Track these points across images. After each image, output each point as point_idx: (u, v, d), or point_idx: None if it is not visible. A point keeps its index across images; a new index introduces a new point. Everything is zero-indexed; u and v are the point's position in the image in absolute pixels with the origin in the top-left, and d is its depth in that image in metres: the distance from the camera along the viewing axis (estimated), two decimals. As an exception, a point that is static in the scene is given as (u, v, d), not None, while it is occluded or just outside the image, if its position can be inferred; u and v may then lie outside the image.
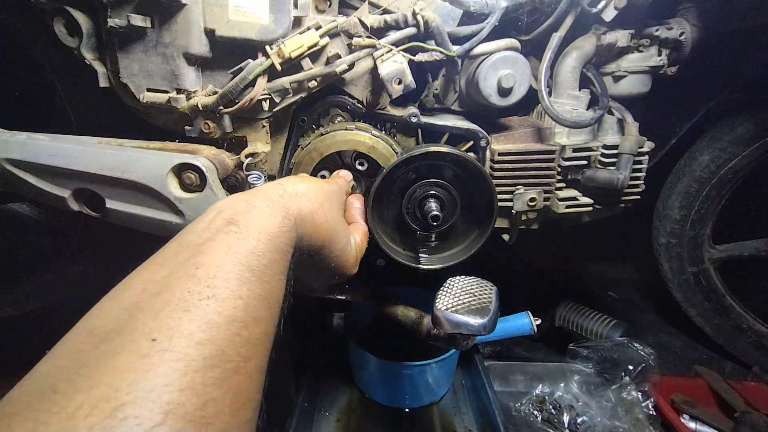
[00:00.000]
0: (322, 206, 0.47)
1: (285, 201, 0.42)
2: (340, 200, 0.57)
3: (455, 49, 0.74)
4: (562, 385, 1.00)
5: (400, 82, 0.71)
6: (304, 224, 0.43)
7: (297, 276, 0.52)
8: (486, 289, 0.60)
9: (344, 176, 0.69)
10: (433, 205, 0.73)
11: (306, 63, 0.72)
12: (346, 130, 0.78)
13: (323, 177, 0.83)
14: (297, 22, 0.72)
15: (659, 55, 0.83)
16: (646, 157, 0.84)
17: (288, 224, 0.40)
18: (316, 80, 0.74)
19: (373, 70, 0.75)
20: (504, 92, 0.76)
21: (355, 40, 0.71)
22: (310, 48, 0.70)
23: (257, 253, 0.34)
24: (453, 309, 0.56)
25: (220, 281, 0.31)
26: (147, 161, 0.71)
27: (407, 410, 0.97)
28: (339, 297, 0.80)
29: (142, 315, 0.28)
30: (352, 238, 0.56)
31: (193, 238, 0.34)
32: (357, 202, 0.69)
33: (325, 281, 0.56)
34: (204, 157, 0.72)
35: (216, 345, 0.27)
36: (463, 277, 0.63)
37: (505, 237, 0.90)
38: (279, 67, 0.70)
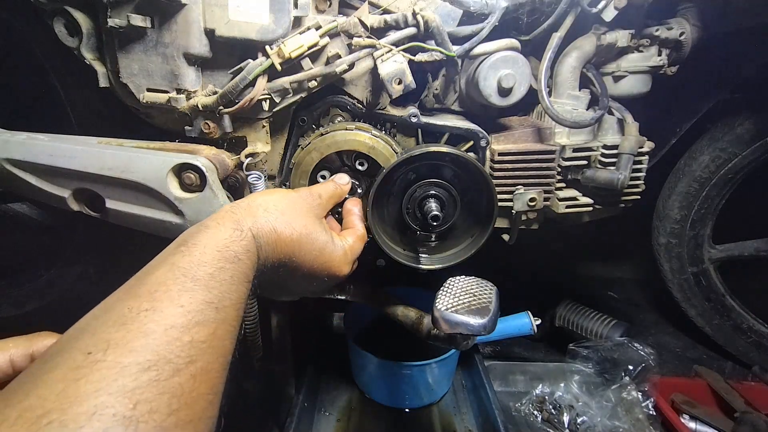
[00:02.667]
0: (283, 214, 0.50)
1: (237, 216, 0.46)
2: (310, 205, 0.57)
3: (455, 49, 0.74)
4: (562, 385, 1.00)
5: (400, 82, 0.71)
6: (263, 233, 0.46)
7: (288, 283, 0.54)
8: (486, 289, 0.60)
9: (337, 179, 0.70)
10: (433, 205, 0.73)
11: (306, 63, 0.72)
12: (346, 130, 0.78)
13: (323, 177, 0.83)
14: (297, 22, 0.72)
15: (659, 55, 0.83)
16: (646, 157, 0.84)
17: (239, 235, 0.43)
18: (316, 80, 0.74)
19: (373, 70, 0.75)
20: (504, 92, 0.76)
21: (355, 40, 0.71)
22: (310, 48, 0.70)
23: (202, 264, 0.37)
24: (453, 309, 0.56)
25: (160, 294, 0.34)
26: (147, 161, 0.71)
27: (407, 410, 0.97)
28: (339, 297, 0.80)
29: (83, 335, 0.30)
30: (341, 240, 0.58)
31: (146, 267, 0.38)
32: (355, 208, 0.70)
33: (318, 284, 0.57)
34: (204, 157, 0.72)
35: (151, 350, 0.29)
36: (463, 277, 0.63)
37: (505, 237, 0.90)
38: (279, 67, 0.70)
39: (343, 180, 0.71)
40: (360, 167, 0.82)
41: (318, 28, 0.71)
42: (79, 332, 0.31)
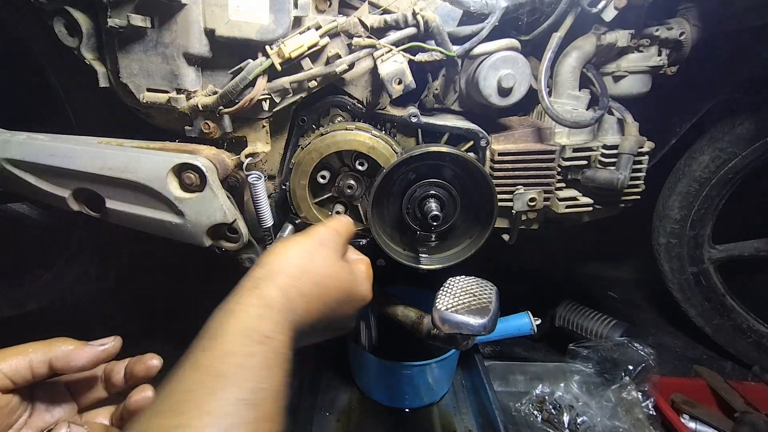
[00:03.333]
0: (307, 272, 0.46)
1: (260, 291, 0.42)
2: (331, 251, 0.52)
3: (455, 49, 0.74)
4: (562, 385, 1.00)
5: (400, 82, 0.71)
6: (294, 304, 0.43)
7: (324, 331, 0.52)
8: (486, 289, 0.60)
9: (341, 218, 0.63)
10: (433, 205, 0.73)
11: (306, 63, 0.72)
12: (346, 130, 0.78)
13: (323, 177, 0.83)
14: (297, 22, 0.72)
15: (659, 55, 0.83)
16: (646, 157, 0.84)
17: (266, 312, 0.40)
18: (316, 80, 0.74)
19: (373, 70, 0.75)
20: (504, 92, 0.76)
21: (355, 40, 0.71)
22: (310, 48, 0.70)
23: (227, 355, 0.35)
24: (453, 309, 0.56)
25: (186, 405, 0.31)
26: (147, 161, 0.71)
27: (407, 410, 0.97)
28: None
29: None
30: (357, 271, 0.56)
31: (175, 366, 0.35)
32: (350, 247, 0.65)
33: (351, 312, 0.55)
34: (204, 157, 0.72)
35: None
36: (463, 277, 0.63)
37: (505, 237, 0.90)
38: (279, 67, 0.70)
39: (345, 219, 0.63)
40: (360, 167, 0.82)
41: (318, 28, 0.71)
42: None
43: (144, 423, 0.31)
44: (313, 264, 0.48)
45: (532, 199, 0.81)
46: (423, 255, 0.81)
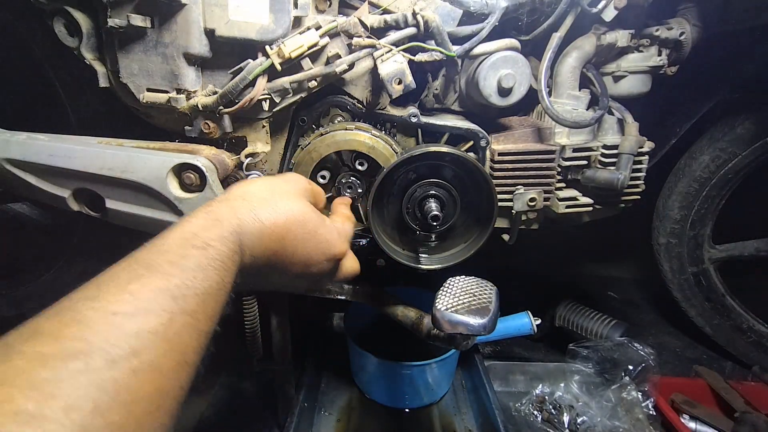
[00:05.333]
0: (265, 200, 0.47)
1: (211, 207, 0.43)
2: (296, 188, 0.53)
3: (455, 49, 0.74)
4: (562, 385, 1.00)
5: (400, 82, 0.71)
6: (245, 223, 0.43)
7: (285, 275, 0.51)
8: (486, 289, 0.61)
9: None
10: (433, 205, 0.73)
11: (306, 63, 0.72)
12: (346, 130, 0.78)
13: (323, 177, 0.83)
14: (297, 22, 0.72)
15: (659, 55, 0.83)
16: (646, 157, 0.84)
17: (212, 223, 0.40)
18: (316, 80, 0.74)
19: (373, 70, 0.75)
20: (504, 92, 0.76)
21: (355, 40, 0.71)
22: (310, 48, 0.70)
23: (162, 252, 0.35)
24: (453, 309, 0.56)
25: (107, 285, 0.32)
26: (147, 161, 0.71)
27: (407, 410, 0.97)
28: (339, 297, 0.80)
29: (15, 331, 0.28)
30: (330, 221, 0.56)
31: None
32: (343, 204, 0.71)
33: (319, 269, 0.53)
34: (204, 157, 0.72)
35: (81, 338, 0.27)
36: (463, 277, 0.63)
37: (505, 237, 0.90)
38: (279, 67, 0.70)
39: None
40: (360, 167, 0.82)
41: (318, 28, 0.71)
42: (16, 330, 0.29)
43: (68, 296, 0.31)
44: (273, 195, 0.48)
45: (532, 199, 0.81)
46: (423, 255, 0.81)
